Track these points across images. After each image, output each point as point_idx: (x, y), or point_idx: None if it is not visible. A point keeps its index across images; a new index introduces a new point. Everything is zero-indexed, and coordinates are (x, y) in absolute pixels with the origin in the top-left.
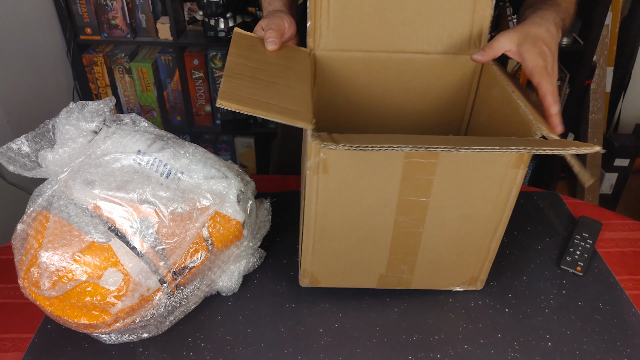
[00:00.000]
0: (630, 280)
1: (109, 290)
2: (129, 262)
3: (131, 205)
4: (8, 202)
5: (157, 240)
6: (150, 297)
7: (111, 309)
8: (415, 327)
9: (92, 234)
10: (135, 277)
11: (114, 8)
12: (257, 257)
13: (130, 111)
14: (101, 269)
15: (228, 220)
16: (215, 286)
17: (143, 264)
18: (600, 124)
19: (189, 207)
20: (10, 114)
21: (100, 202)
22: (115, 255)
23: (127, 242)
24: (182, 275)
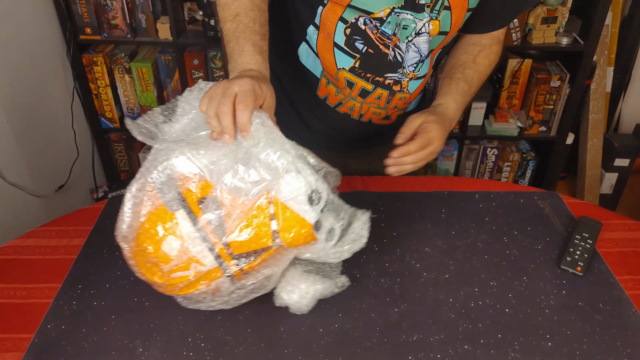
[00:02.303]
0: (630, 280)
1: (167, 257)
2: (188, 234)
3: (207, 182)
4: (8, 202)
5: (218, 220)
6: (209, 276)
7: (166, 273)
8: (415, 327)
9: (167, 200)
10: (191, 249)
11: (114, 8)
12: (338, 285)
13: (130, 111)
14: (164, 235)
15: (299, 220)
16: (284, 301)
17: (199, 238)
18: (600, 124)
19: (257, 193)
20: (10, 114)
21: (184, 173)
22: (179, 225)
23: (192, 217)
24: (246, 262)
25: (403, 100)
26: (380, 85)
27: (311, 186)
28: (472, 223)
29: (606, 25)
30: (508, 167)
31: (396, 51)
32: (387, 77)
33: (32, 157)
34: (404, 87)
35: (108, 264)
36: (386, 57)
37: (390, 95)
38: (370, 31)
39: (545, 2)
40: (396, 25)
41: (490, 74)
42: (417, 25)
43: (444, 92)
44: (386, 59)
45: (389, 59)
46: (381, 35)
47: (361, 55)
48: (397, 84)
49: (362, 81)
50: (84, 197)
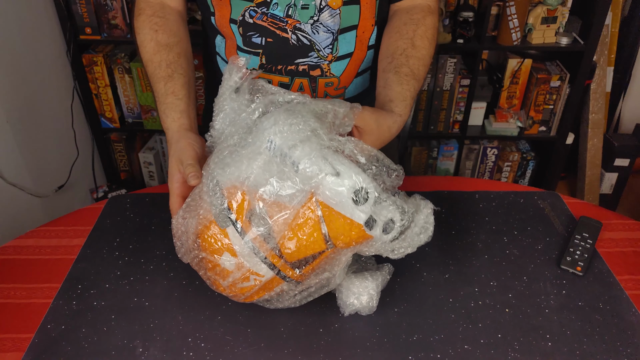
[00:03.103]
0: (630, 280)
1: (226, 271)
2: (240, 249)
3: (251, 192)
4: (8, 202)
5: (268, 231)
6: (271, 284)
7: (229, 285)
8: (415, 327)
9: (216, 215)
10: (246, 263)
11: (113, 8)
12: (389, 273)
13: (130, 112)
14: (220, 250)
15: (348, 221)
16: (354, 307)
17: (252, 252)
18: (600, 124)
19: (301, 201)
20: (10, 114)
21: (229, 188)
22: (230, 240)
23: (242, 231)
24: (304, 267)
25: (332, 86)
26: (296, 74)
27: (354, 186)
28: (472, 223)
29: (606, 25)
30: (508, 167)
31: (298, 34)
32: (299, 64)
33: (32, 157)
34: (325, 71)
35: (108, 264)
36: (287, 41)
37: (313, 83)
38: (259, 21)
39: (545, 2)
40: (288, 6)
41: (434, 52)
42: (316, 1)
43: (398, 96)
44: (288, 43)
45: (292, 43)
46: (273, 20)
47: (263, 49)
48: (314, 69)
49: (276, 76)
50: (84, 197)
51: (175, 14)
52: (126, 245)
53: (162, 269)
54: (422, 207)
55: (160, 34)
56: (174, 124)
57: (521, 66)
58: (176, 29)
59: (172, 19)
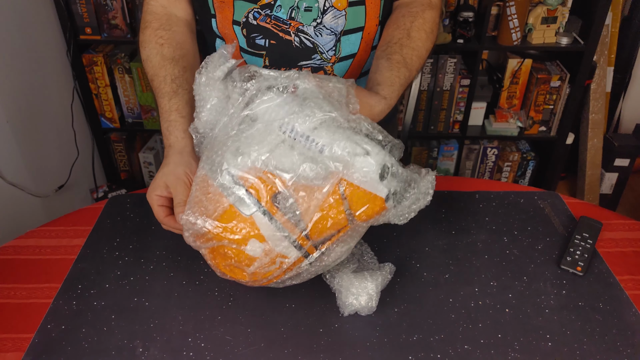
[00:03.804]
0: (630, 280)
1: (252, 258)
2: (270, 234)
3: (274, 177)
4: (8, 202)
5: (296, 215)
6: (294, 266)
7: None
8: (415, 327)
9: (237, 203)
10: (275, 248)
11: (114, 8)
12: (390, 273)
13: (130, 112)
14: (245, 237)
15: (372, 197)
16: (354, 307)
17: (282, 237)
18: (600, 124)
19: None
20: (10, 114)
21: (246, 173)
22: (257, 226)
23: (269, 216)
24: (325, 244)
25: None
26: None
27: (381, 164)
28: (472, 223)
29: (606, 25)
30: (508, 167)
31: (301, 36)
32: (302, 66)
33: (32, 157)
34: (328, 72)
35: (108, 264)
36: (290, 44)
37: None
38: (263, 22)
39: (545, 2)
40: (291, 9)
41: (430, 48)
42: (319, 3)
43: (386, 80)
44: (291, 46)
45: (295, 45)
46: (276, 22)
47: (266, 51)
48: (318, 71)
49: None
50: (84, 197)
51: (182, 25)
52: (126, 245)
53: (162, 269)
54: (424, 174)
55: (166, 47)
56: (177, 143)
57: (521, 66)
58: (182, 41)
59: (178, 31)
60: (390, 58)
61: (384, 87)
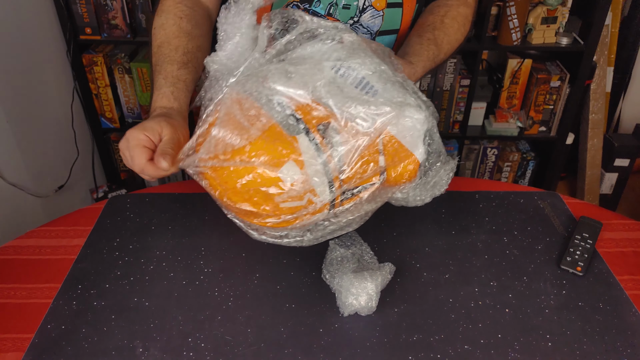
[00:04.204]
0: (630, 280)
1: (282, 184)
2: (311, 162)
3: (325, 108)
4: (8, 202)
5: (339, 151)
6: (317, 212)
7: (276, 202)
8: (415, 327)
9: (282, 122)
10: (311, 180)
11: (113, 8)
12: (390, 272)
13: (130, 112)
14: (281, 159)
15: (408, 157)
16: (353, 308)
17: (322, 170)
18: (600, 124)
19: (374, 129)
20: (10, 114)
21: (295, 97)
22: (299, 150)
23: (315, 143)
24: (349, 198)
25: None
26: None
27: (429, 122)
28: (472, 223)
29: (606, 25)
30: (508, 167)
31: None
32: None
33: (32, 157)
34: None
35: (108, 264)
36: None
37: None
38: None
39: (545, 2)
40: (330, 5)
41: (461, 42)
42: (359, 1)
43: (415, 51)
44: None
45: None
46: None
47: None
48: None
49: None
50: (84, 197)
51: (204, 10)
52: (126, 245)
53: (162, 269)
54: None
55: (185, 21)
56: (182, 108)
57: (521, 66)
58: (202, 23)
59: (200, 13)
60: (421, 35)
61: (411, 55)
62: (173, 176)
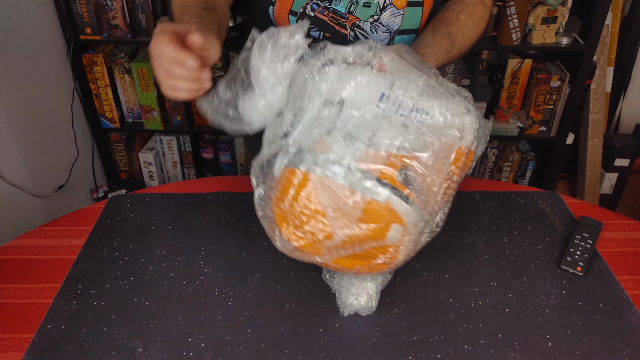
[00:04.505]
0: (630, 280)
1: (390, 246)
2: (407, 215)
3: (392, 156)
4: (8, 202)
5: (420, 187)
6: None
7: (388, 258)
8: (415, 327)
9: (371, 192)
10: (411, 229)
11: (113, 8)
12: (390, 273)
13: (130, 112)
14: (385, 229)
15: (471, 155)
16: (353, 308)
17: (416, 214)
18: (600, 124)
19: (441, 149)
20: (10, 114)
21: (364, 157)
22: (395, 211)
23: (400, 195)
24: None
25: None
26: None
27: (478, 119)
28: (472, 223)
29: (606, 25)
30: (508, 167)
31: (356, 31)
32: None
33: (32, 157)
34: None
35: (108, 264)
36: (345, 38)
37: None
38: (321, 15)
39: (545, 2)
40: (350, 3)
41: (475, 40)
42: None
43: (428, 44)
44: (345, 40)
45: (350, 40)
46: (334, 15)
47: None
48: None
49: None
50: (84, 197)
51: None
52: (126, 245)
53: (162, 269)
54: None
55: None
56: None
57: (521, 66)
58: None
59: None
60: (435, 29)
61: (422, 47)
62: (173, 176)
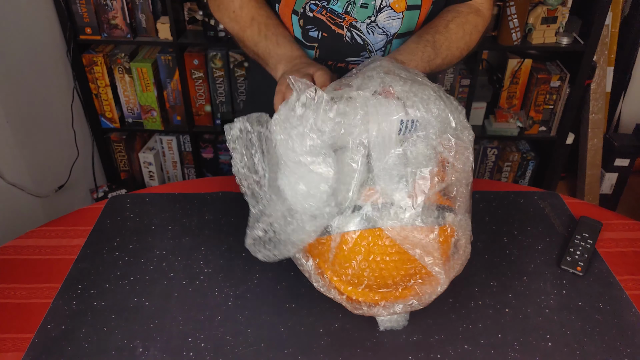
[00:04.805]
0: (630, 280)
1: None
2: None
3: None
4: (8, 202)
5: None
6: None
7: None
8: (415, 327)
9: (439, 221)
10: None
11: (113, 8)
12: None
13: (130, 112)
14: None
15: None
16: (390, 324)
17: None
18: (600, 124)
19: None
20: (10, 114)
21: (413, 191)
22: (454, 228)
23: (452, 210)
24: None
25: None
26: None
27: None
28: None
29: (606, 25)
30: (508, 167)
31: (353, 32)
32: (349, 62)
33: (32, 157)
34: None
35: (108, 264)
36: (342, 38)
37: None
38: (319, 14)
39: (545, 2)
40: (347, 3)
41: (465, 51)
42: (376, 0)
43: (409, 50)
44: (342, 40)
45: (346, 40)
46: (331, 15)
47: (319, 43)
48: None
49: None
50: (84, 197)
51: None
52: (126, 245)
53: (162, 269)
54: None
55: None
56: (299, 51)
57: (521, 66)
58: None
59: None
60: (420, 36)
61: (402, 53)
62: (173, 176)
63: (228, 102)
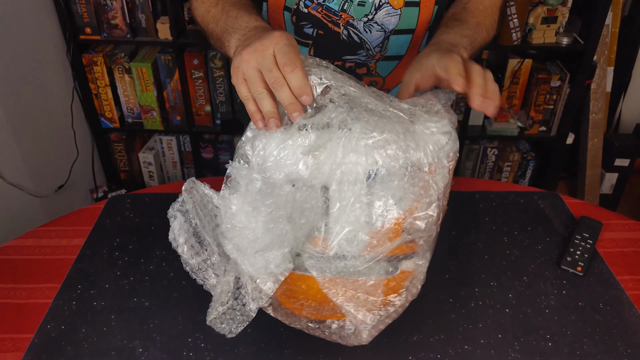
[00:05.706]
0: (630, 280)
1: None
2: (418, 268)
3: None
4: (8, 202)
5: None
6: None
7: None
8: (415, 327)
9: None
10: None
11: (113, 8)
12: None
13: (130, 112)
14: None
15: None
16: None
17: (424, 256)
18: (600, 124)
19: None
20: (10, 114)
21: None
22: (409, 272)
23: (410, 257)
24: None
25: (376, 85)
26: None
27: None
28: (472, 223)
29: (606, 25)
30: (508, 167)
31: (350, 30)
32: (346, 60)
33: (32, 157)
34: (371, 69)
35: (108, 264)
36: (338, 36)
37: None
38: (314, 11)
39: (545, 2)
40: (344, 1)
41: (490, 17)
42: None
43: (458, 37)
44: (339, 38)
45: (343, 38)
46: (327, 12)
47: (313, 40)
48: (361, 67)
49: None
50: (83, 197)
51: None
52: (126, 245)
53: (162, 269)
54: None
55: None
56: (259, 21)
57: (521, 66)
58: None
59: None
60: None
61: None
62: (173, 176)
63: (228, 102)
